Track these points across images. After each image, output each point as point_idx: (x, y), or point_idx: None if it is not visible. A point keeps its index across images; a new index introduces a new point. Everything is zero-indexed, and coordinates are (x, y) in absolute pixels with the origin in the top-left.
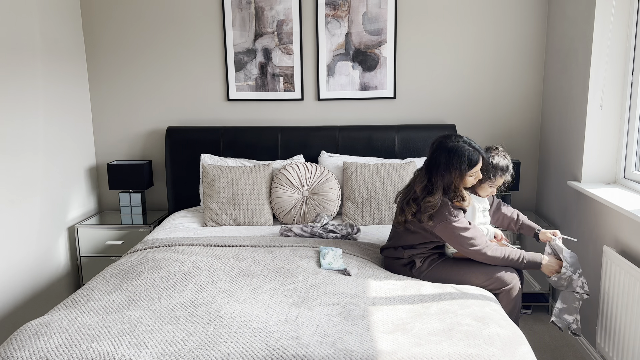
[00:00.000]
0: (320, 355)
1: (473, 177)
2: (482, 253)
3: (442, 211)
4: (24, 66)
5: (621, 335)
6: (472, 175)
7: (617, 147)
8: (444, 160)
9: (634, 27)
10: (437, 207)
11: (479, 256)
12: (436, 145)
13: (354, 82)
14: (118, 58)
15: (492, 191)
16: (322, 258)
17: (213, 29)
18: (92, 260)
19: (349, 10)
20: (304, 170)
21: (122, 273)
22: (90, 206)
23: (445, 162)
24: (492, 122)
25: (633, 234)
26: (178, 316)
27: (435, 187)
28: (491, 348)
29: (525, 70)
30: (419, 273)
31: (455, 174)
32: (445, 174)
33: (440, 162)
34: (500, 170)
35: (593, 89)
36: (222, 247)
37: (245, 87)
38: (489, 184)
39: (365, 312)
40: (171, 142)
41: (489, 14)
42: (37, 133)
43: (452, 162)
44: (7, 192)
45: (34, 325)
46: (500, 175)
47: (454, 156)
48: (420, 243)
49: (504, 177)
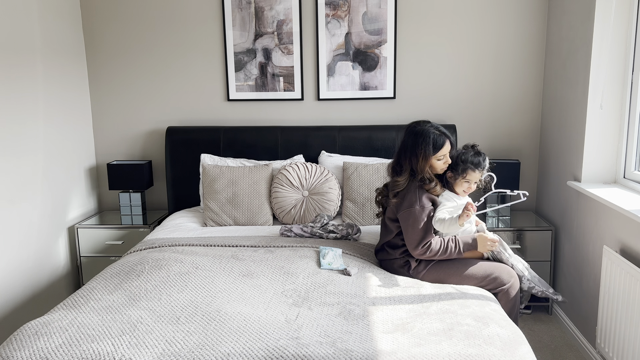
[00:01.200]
0: (320, 355)
1: (442, 162)
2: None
3: (410, 196)
4: (24, 66)
5: (621, 335)
6: (439, 158)
7: (617, 147)
8: (410, 142)
9: (634, 27)
10: (403, 186)
11: (415, 250)
12: (407, 130)
13: (354, 82)
14: (118, 58)
15: (469, 187)
16: (322, 258)
17: (213, 29)
18: (92, 260)
19: (349, 10)
20: (304, 170)
21: (122, 273)
22: (90, 206)
23: (411, 145)
24: (492, 122)
25: (633, 234)
26: (178, 316)
27: (403, 169)
28: (491, 348)
29: (525, 71)
30: (416, 274)
31: (420, 155)
32: (411, 156)
33: (407, 144)
34: (470, 164)
35: (593, 89)
36: (222, 247)
37: (245, 87)
38: (463, 180)
39: (365, 312)
40: (171, 142)
41: (489, 14)
42: (37, 133)
43: (417, 144)
44: (7, 192)
45: (34, 325)
46: (470, 169)
47: (420, 138)
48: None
49: (476, 173)
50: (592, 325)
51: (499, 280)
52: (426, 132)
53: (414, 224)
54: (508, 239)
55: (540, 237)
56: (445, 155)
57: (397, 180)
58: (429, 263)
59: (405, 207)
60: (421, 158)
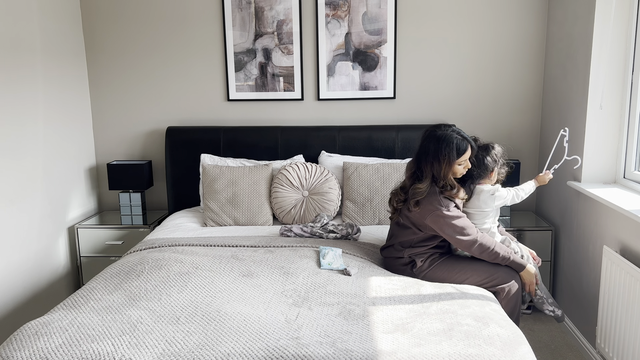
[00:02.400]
0: (320, 355)
1: (462, 167)
2: (474, 241)
3: (431, 201)
4: (24, 66)
5: (621, 335)
6: (460, 163)
7: (617, 147)
8: (432, 148)
9: (634, 27)
10: (425, 193)
11: (471, 245)
12: (426, 134)
13: (354, 82)
14: (118, 58)
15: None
16: (322, 258)
17: (213, 29)
18: (92, 260)
19: (349, 10)
20: (304, 170)
21: (122, 273)
22: (90, 206)
23: (434, 150)
24: (492, 122)
25: (633, 234)
26: (178, 316)
27: (424, 175)
28: (491, 348)
29: (525, 70)
30: (420, 272)
31: (444, 161)
32: (434, 161)
33: (429, 150)
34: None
35: (593, 89)
36: (222, 247)
37: (245, 87)
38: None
39: (365, 312)
40: (171, 142)
41: (489, 14)
42: (37, 133)
43: (440, 150)
44: (7, 192)
45: (34, 325)
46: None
47: (443, 144)
48: (420, 242)
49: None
50: (592, 325)
51: (501, 279)
52: (449, 137)
53: (449, 222)
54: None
55: (540, 237)
56: (466, 160)
57: (418, 187)
58: (434, 262)
59: (430, 212)
60: (445, 164)
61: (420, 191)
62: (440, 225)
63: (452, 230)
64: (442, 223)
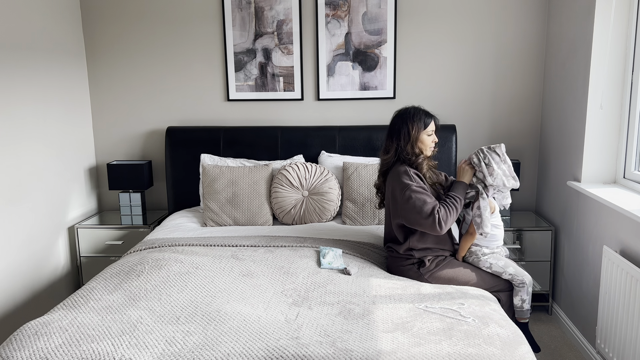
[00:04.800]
0: (320, 355)
1: (431, 139)
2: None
3: (401, 179)
4: (24, 66)
5: (621, 335)
6: (429, 134)
7: (617, 147)
8: (398, 122)
9: (634, 27)
10: (390, 163)
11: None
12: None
13: (354, 82)
14: (118, 58)
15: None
16: (322, 258)
17: (213, 29)
18: (92, 260)
19: (349, 10)
20: (304, 170)
21: (122, 273)
22: (90, 206)
23: (400, 123)
24: (492, 122)
25: (633, 234)
26: (178, 316)
27: (390, 148)
28: (491, 348)
29: (525, 70)
30: (427, 272)
31: (413, 128)
32: (400, 133)
33: (395, 124)
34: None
35: (593, 89)
36: (222, 247)
37: (245, 87)
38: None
39: (365, 311)
40: (171, 142)
41: (489, 14)
42: (37, 133)
43: (405, 122)
44: (7, 192)
45: (34, 325)
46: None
47: (406, 115)
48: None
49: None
50: (592, 325)
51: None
52: (412, 110)
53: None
54: (508, 239)
55: (540, 237)
56: (434, 131)
57: (384, 158)
58: (440, 262)
59: (395, 182)
60: (414, 130)
61: (386, 161)
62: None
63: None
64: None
